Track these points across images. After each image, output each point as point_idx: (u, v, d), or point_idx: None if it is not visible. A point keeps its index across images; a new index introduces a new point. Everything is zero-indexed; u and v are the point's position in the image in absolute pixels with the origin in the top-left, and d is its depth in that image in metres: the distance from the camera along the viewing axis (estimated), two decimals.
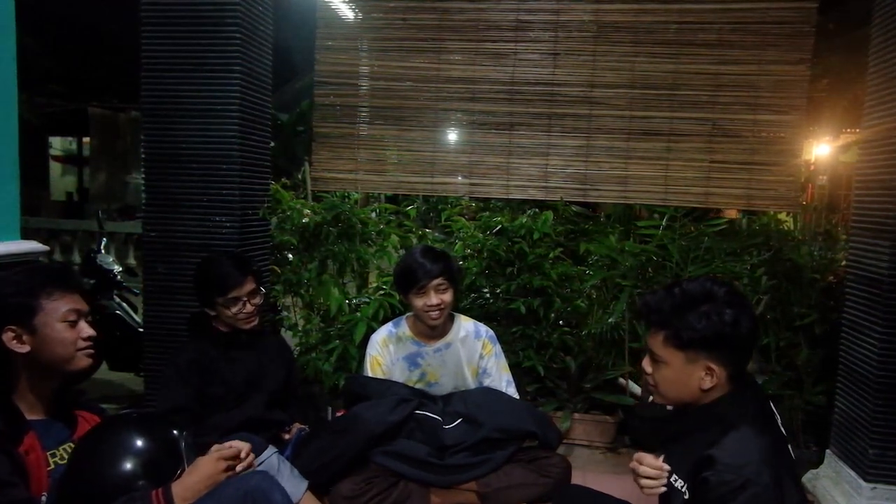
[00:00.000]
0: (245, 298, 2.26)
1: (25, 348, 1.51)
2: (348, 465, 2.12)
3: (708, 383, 1.43)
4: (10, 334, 1.50)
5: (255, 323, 2.34)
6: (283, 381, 2.42)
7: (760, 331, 1.84)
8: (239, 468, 1.58)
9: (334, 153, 3.41)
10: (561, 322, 3.34)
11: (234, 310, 2.25)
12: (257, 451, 1.88)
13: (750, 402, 1.44)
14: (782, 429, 1.47)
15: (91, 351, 1.60)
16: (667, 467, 1.49)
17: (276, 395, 2.38)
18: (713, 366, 1.41)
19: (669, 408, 1.64)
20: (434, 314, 2.30)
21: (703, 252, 3.05)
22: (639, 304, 1.63)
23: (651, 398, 1.61)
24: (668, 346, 1.45)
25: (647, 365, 1.54)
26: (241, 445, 1.60)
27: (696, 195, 3.15)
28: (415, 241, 3.61)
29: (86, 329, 1.59)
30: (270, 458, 1.94)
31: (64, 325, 1.54)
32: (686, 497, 1.41)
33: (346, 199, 3.46)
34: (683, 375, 1.44)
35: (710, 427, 1.41)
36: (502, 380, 2.48)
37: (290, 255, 3.41)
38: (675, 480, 1.45)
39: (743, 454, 1.33)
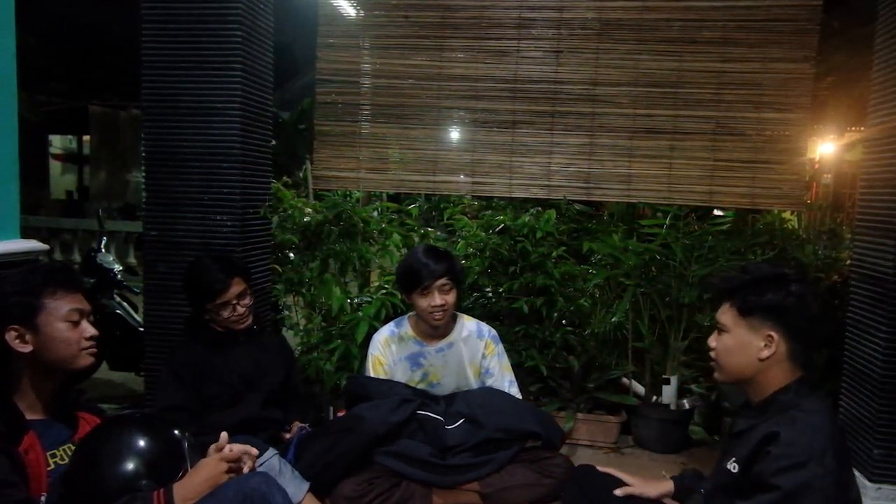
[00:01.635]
0: (234, 302, 2.25)
1: (28, 348, 1.50)
2: (351, 465, 2.11)
3: (766, 353, 1.46)
4: (13, 334, 1.50)
5: (249, 322, 2.32)
6: (282, 380, 2.41)
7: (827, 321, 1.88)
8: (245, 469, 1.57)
9: (336, 151, 3.39)
10: (564, 321, 3.32)
11: (224, 314, 2.25)
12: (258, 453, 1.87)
13: (822, 398, 1.47)
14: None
15: (94, 350, 1.60)
16: None
17: (275, 394, 2.37)
18: (773, 334, 1.45)
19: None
20: (437, 315, 2.29)
21: (707, 251, 3.04)
22: (712, 280, 1.72)
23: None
24: (734, 313, 1.51)
25: (712, 339, 1.59)
26: (241, 451, 1.59)
27: (699, 194, 3.14)
28: (417, 239, 3.59)
29: (88, 329, 1.58)
30: (271, 460, 1.93)
31: (67, 324, 1.54)
32: (734, 471, 1.45)
33: (348, 198, 3.44)
34: (743, 343, 1.50)
35: (777, 415, 1.44)
36: (504, 380, 2.47)
37: (292, 255, 3.40)
38: (730, 464, 1.48)
39: (810, 435, 1.36)
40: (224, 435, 1.58)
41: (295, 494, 1.88)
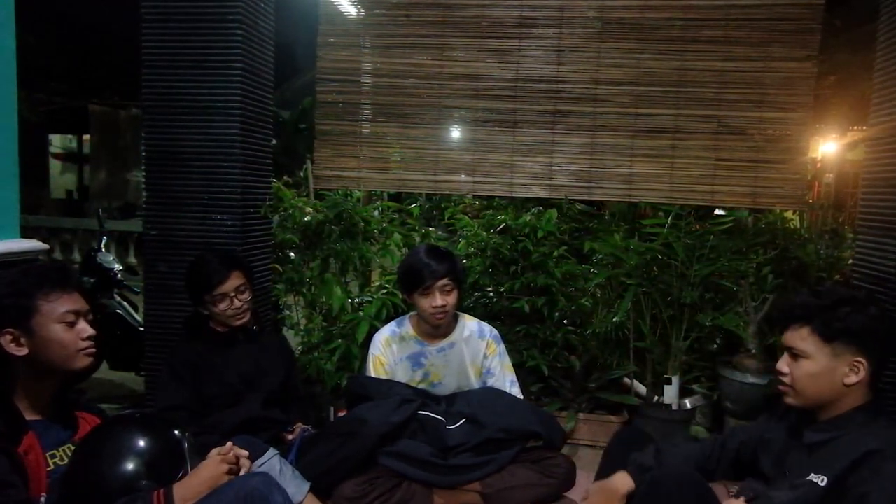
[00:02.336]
0: (232, 294, 2.24)
1: (24, 351, 1.49)
2: (353, 469, 2.10)
3: (853, 378, 1.46)
4: (8, 337, 1.48)
5: (247, 319, 2.31)
6: (282, 380, 2.40)
7: None
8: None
9: (336, 151, 3.39)
10: (565, 321, 3.32)
11: (221, 306, 2.24)
12: (258, 453, 1.87)
13: (890, 414, 1.53)
14: None
15: (92, 350, 1.58)
16: None
17: (275, 394, 2.36)
18: (861, 360, 1.45)
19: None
20: (439, 315, 2.28)
21: (709, 251, 3.03)
22: (780, 305, 1.69)
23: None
24: (815, 339, 1.49)
25: (783, 365, 1.57)
26: (239, 452, 1.59)
27: (701, 193, 3.13)
28: (418, 239, 3.59)
29: (86, 329, 1.56)
30: (271, 461, 1.91)
31: (62, 326, 1.52)
32: (822, 484, 1.44)
33: (349, 198, 3.43)
34: (827, 370, 1.48)
35: (862, 429, 1.45)
36: (506, 380, 2.46)
37: (292, 254, 3.39)
38: (814, 477, 1.47)
39: None
40: (229, 444, 1.58)
41: (295, 495, 1.87)
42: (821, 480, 1.45)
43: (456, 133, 3.35)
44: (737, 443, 1.78)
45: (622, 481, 1.74)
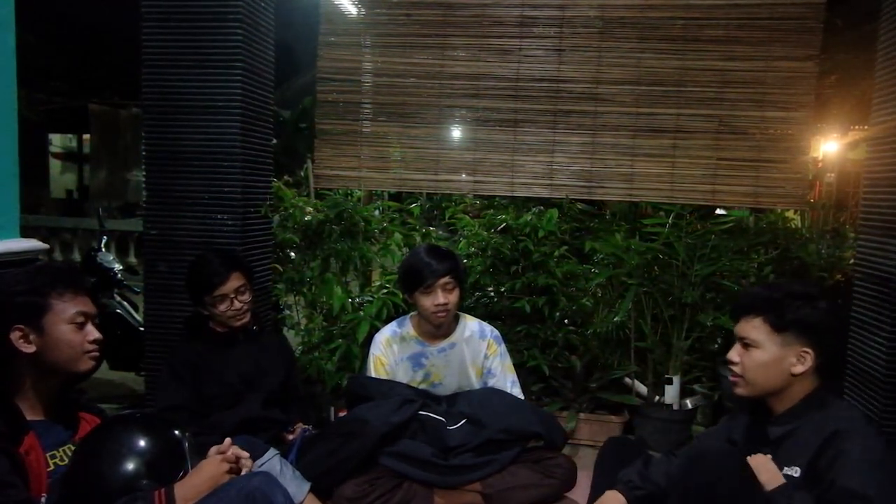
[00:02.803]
0: (232, 296, 2.24)
1: (31, 348, 1.49)
2: (354, 469, 2.10)
3: (800, 368, 1.54)
4: (18, 333, 1.49)
5: (247, 320, 2.31)
6: (282, 380, 2.40)
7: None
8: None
9: (337, 150, 3.38)
10: (566, 321, 3.31)
11: (221, 307, 2.24)
12: (258, 453, 1.87)
13: (840, 396, 1.61)
14: None
15: (97, 354, 1.59)
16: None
17: (275, 394, 2.36)
18: (809, 350, 1.53)
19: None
20: (440, 314, 2.28)
21: (710, 250, 3.02)
22: (739, 297, 1.82)
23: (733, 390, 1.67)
24: (767, 329, 1.57)
25: (734, 354, 1.64)
26: (239, 453, 1.59)
27: (702, 192, 3.12)
28: (418, 239, 3.58)
29: (93, 332, 1.57)
30: (272, 461, 1.91)
31: (71, 326, 1.53)
32: (796, 476, 1.50)
33: (349, 197, 3.43)
34: (776, 359, 1.56)
35: (817, 414, 1.53)
36: (507, 380, 2.46)
37: (293, 254, 3.39)
38: (788, 470, 1.52)
39: (860, 419, 1.53)
40: (228, 440, 1.58)
41: (296, 494, 1.87)
42: (794, 472, 1.50)
43: (457, 132, 3.34)
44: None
45: (615, 500, 1.76)
